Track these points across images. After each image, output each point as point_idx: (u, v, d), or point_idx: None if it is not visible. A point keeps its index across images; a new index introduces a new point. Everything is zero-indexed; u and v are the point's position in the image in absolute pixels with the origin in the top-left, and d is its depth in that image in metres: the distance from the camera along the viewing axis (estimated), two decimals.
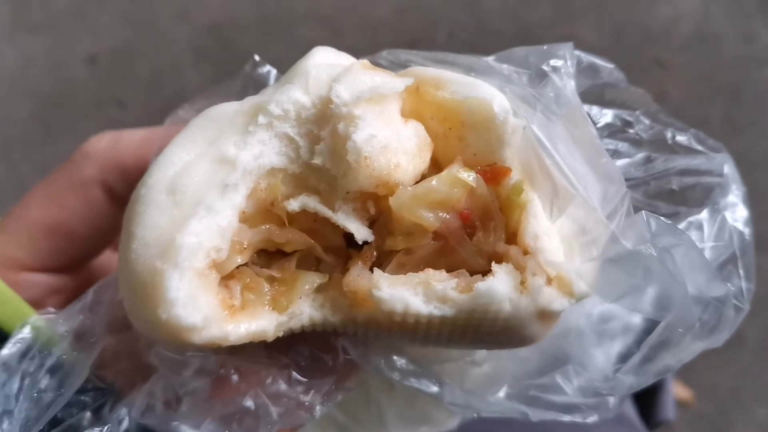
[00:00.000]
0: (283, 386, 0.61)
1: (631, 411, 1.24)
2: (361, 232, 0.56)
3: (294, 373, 0.62)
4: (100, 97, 2.68)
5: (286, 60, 0.70)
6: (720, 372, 2.39)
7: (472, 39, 2.70)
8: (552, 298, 0.55)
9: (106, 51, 2.70)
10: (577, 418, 0.65)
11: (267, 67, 0.73)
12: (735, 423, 2.39)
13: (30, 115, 2.67)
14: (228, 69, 2.79)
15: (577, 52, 0.63)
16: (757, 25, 2.66)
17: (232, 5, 2.71)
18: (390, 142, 0.54)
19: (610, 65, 0.64)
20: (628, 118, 0.68)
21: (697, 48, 2.63)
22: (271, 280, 0.57)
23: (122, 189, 0.73)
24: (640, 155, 0.67)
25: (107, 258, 0.82)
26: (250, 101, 0.56)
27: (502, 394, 0.68)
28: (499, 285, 0.54)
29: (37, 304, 0.69)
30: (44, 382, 0.61)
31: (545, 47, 0.62)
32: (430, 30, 2.68)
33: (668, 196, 0.67)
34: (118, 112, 2.65)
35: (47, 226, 0.72)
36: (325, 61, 0.57)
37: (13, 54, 2.71)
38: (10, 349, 0.62)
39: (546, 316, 0.56)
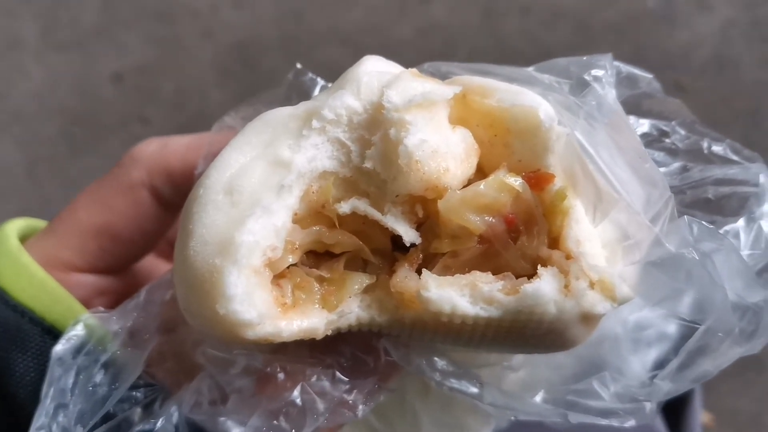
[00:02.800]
0: (327, 385, 0.62)
1: (661, 428, 1.24)
2: (409, 235, 0.58)
3: (337, 373, 0.63)
4: (125, 114, 2.73)
5: None
6: (741, 396, 2.37)
7: (492, 60, 2.72)
8: (595, 301, 0.56)
9: (132, 69, 2.75)
10: (614, 423, 0.66)
11: (309, 75, 0.75)
12: None
13: (56, 133, 2.72)
14: (251, 87, 2.83)
15: (616, 63, 0.65)
16: None
17: (255, 25, 2.75)
18: (440, 147, 0.56)
19: (648, 75, 0.66)
20: (665, 128, 0.69)
21: (716, 72, 2.64)
22: (321, 280, 0.58)
23: (168, 193, 0.75)
24: (677, 164, 0.69)
25: (150, 262, 0.84)
26: (304, 106, 0.58)
27: (539, 398, 0.69)
28: (545, 287, 0.55)
29: (85, 304, 0.71)
30: (99, 377, 0.62)
31: (585, 58, 0.64)
32: (451, 50, 2.72)
33: (704, 205, 0.68)
34: (142, 129, 2.69)
35: (95, 228, 0.74)
36: (375, 69, 0.59)
37: (41, 72, 2.76)
38: (64, 345, 0.64)
39: (588, 319, 0.58)
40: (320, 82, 0.75)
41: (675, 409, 1.33)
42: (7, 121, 2.72)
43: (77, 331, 0.65)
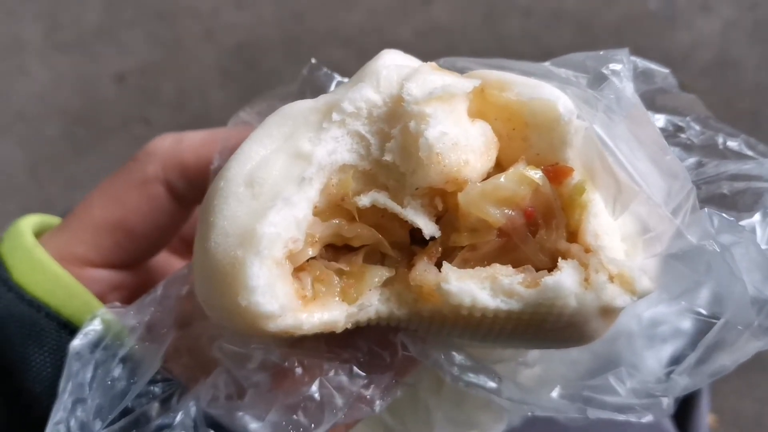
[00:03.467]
0: (345, 379, 0.62)
1: (669, 426, 1.24)
2: (428, 228, 0.58)
3: (355, 368, 0.63)
4: (128, 115, 2.73)
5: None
6: (744, 397, 2.37)
7: None
8: (615, 294, 0.56)
9: (134, 70, 2.75)
10: (631, 418, 0.66)
11: (324, 70, 0.75)
12: None
13: (58, 133, 2.71)
14: (252, 88, 2.83)
15: (633, 58, 0.65)
16: None
17: (256, 26, 2.76)
18: (460, 139, 0.56)
19: (665, 70, 0.66)
20: (680, 124, 0.69)
21: (718, 74, 2.65)
22: (340, 273, 0.58)
23: (183, 188, 0.75)
24: (692, 160, 0.69)
25: (164, 259, 0.84)
26: (324, 99, 0.58)
27: (555, 394, 0.69)
28: (566, 280, 0.55)
29: (100, 299, 0.71)
30: (117, 371, 0.62)
31: (602, 52, 0.64)
32: (452, 52, 2.70)
33: (719, 201, 0.68)
34: (144, 130, 2.69)
35: (110, 223, 0.73)
36: (394, 62, 0.59)
37: (44, 72, 2.76)
38: (81, 339, 0.63)
39: (608, 312, 0.57)
40: (336, 77, 0.75)
41: (682, 410, 1.33)
42: (9, 121, 2.72)
43: (94, 326, 0.65)
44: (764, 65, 2.66)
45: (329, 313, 0.55)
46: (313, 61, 0.74)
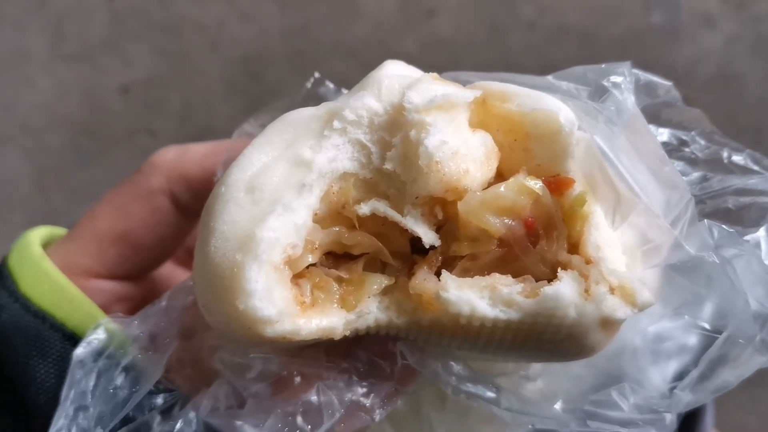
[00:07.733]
0: (343, 387, 0.62)
1: None
2: (428, 236, 0.57)
3: (354, 377, 0.63)
4: (132, 126, 2.73)
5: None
6: (748, 412, 2.35)
7: None
8: (615, 306, 0.56)
9: (139, 82, 2.76)
10: None
11: (327, 84, 0.75)
12: None
13: (63, 144, 2.72)
14: (257, 100, 2.84)
15: (635, 71, 0.65)
16: None
17: (261, 39, 2.77)
18: (460, 148, 0.56)
19: (667, 83, 0.66)
20: (684, 138, 0.69)
21: (721, 88, 2.65)
22: (339, 280, 0.58)
23: (187, 199, 0.75)
24: (696, 174, 0.68)
25: (168, 270, 0.84)
26: (326, 106, 0.58)
27: (557, 407, 0.68)
28: (565, 290, 0.55)
29: (105, 311, 0.71)
30: (119, 380, 0.62)
31: (603, 66, 0.64)
32: (456, 65, 2.71)
33: (724, 216, 0.67)
34: (149, 141, 2.70)
35: (115, 234, 0.74)
36: (396, 72, 0.59)
37: (49, 84, 2.77)
38: (84, 348, 0.63)
39: (608, 324, 0.57)
40: (338, 91, 0.75)
41: (686, 425, 1.32)
42: (14, 132, 2.72)
43: (98, 335, 0.65)
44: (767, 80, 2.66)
45: (327, 319, 0.55)
46: (317, 75, 0.75)
